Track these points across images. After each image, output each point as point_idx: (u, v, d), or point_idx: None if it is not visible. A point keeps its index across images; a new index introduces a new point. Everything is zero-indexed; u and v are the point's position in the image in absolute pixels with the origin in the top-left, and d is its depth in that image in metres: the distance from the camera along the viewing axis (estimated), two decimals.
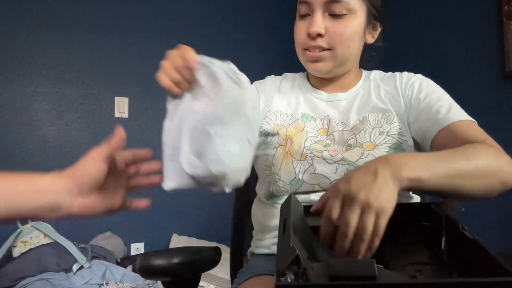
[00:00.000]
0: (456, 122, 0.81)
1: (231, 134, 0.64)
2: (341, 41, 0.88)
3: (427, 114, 0.85)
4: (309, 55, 0.91)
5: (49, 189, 0.59)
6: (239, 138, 0.65)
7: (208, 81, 0.64)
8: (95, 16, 2.44)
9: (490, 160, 0.68)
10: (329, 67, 0.91)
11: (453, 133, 0.79)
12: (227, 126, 0.63)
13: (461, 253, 0.57)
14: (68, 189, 0.59)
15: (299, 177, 0.87)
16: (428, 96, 0.88)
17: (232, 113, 0.64)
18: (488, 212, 2.09)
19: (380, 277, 0.42)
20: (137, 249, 2.49)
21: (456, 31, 2.37)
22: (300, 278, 0.44)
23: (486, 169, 0.66)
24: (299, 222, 0.57)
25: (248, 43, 2.90)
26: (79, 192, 0.60)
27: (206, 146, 0.62)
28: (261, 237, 0.97)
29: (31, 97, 2.29)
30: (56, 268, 1.85)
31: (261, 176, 0.96)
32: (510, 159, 0.71)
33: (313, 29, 0.87)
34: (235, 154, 0.64)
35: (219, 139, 0.62)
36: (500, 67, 2.13)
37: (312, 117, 0.94)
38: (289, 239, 0.47)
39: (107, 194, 0.65)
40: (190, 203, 2.65)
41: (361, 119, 0.90)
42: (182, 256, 0.90)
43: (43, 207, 0.58)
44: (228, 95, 0.63)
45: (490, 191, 0.68)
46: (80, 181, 0.60)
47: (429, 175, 0.60)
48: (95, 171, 0.61)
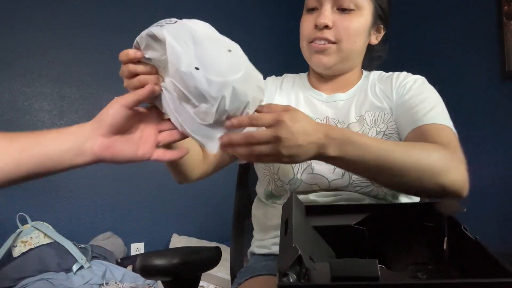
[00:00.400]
0: (429, 125, 0.81)
1: (202, 61, 0.60)
2: (348, 35, 0.89)
3: (407, 113, 0.86)
4: (314, 46, 0.90)
5: (74, 132, 0.63)
6: (213, 57, 0.61)
7: (160, 48, 0.62)
8: (95, 16, 2.44)
9: (435, 161, 0.68)
10: (333, 61, 0.91)
11: (423, 134, 0.80)
12: (197, 59, 0.60)
13: (462, 253, 0.57)
14: (90, 130, 0.63)
15: (298, 176, 0.88)
16: (415, 96, 0.88)
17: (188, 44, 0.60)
18: (488, 212, 2.09)
19: (383, 278, 0.42)
20: (137, 249, 2.49)
21: (456, 31, 2.37)
22: (302, 278, 0.44)
23: (424, 168, 0.68)
24: (301, 222, 0.57)
25: (248, 43, 2.90)
26: (100, 132, 0.63)
27: (194, 86, 0.59)
28: (261, 237, 0.97)
29: (32, 97, 2.29)
30: (56, 268, 1.85)
31: (261, 176, 0.97)
32: (461, 167, 0.71)
33: (321, 20, 0.88)
34: (221, 67, 0.60)
35: (197, 72, 0.59)
36: (500, 67, 2.13)
37: (311, 118, 0.94)
38: (291, 239, 0.47)
39: (133, 141, 0.66)
40: (190, 203, 2.65)
41: (358, 118, 0.91)
42: (182, 256, 0.90)
43: (69, 151, 0.61)
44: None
45: (422, 190, 0.71)
46: (101, 121, 0.64)
47: (355, 158, 0.64)
48: (114, 112, 0.63)
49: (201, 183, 3.06)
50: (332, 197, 0.87)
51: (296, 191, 0.89)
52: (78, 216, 2.35)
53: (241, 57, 0.64)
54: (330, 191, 0.87)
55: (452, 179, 0.69)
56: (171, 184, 2.73)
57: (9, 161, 0.59)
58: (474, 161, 2.70)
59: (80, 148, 0.62)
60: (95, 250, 2.07)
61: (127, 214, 2.47)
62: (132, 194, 2.49)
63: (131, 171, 2.48)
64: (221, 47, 0.62)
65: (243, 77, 0.60)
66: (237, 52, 0.64)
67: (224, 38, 0.65)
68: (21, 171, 0.60)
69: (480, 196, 2.14)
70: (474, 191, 2.50)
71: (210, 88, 0.58)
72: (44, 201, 2.26)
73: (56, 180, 2.30)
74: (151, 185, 2.53)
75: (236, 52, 0.64)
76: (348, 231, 0.64)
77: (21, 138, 0.61)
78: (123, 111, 0.64)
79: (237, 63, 0.62)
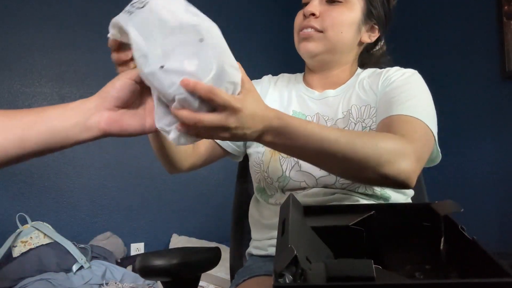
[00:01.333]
0: (398, 115, 0.79)
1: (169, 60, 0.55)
2: (333, 24, 0.90)
3: (384, 103, 0.86)
4: (301, 34, 0.93)
5: (78, 107, 0.62)
6: (182, 55, 0.55)
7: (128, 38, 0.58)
8: (95, 16, 2.44)
9: (379, 150, 0.67)
10: (319, 48, 0.92)
11: (390, 124, 0.78)
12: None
13: (460, 253, 0.57)
14: (94, 105, 0.62)
15: (286, 174, 0.90)
16: (396, 88, 0.87)
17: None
18: (488, 212, 2.09)
19: (378, 278, 0.42)
20: (137, 249, 2.49)
21: (456, 31, 2.37)
22: (299, 279, 0.44)
23: (368, 159, 0.67)
24: (298, 223, 0.58)
25: (248, 43, 2.90)
26: (106, 106, 0.62)
27: (159, 88, 0.55)
28: (257, 238, 0.98)
29: (32, 97, 2.29)
30: (56, 268, 1.85)
31: (253, 174, 0.99)
32: (409, 158, 0.69)
33: (307, 9, 0.91)
34: (190, 68, 0.54)
35: (162, 73, 0.54)
36: (500, 67, 2.13)
37: (303, 115, 0.95)
38: (287, 239, 0.47)
39: (139, 114, 0.65)
40: (190, 203, 2.65)
41: (345, 113, 0.91)
42: (182, 256, 0.90)
43: (74, 127, 0.60)
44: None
45: (365, 179, 0.73)
46: (105, 94, 0.63)
47: (295, 148, 0.65)
48: (119, 84, 0.62)
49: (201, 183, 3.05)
50: (322, 197, 0.88)
51: (286, 188, 0.91)
52: (78, 216, 2.35)
53: (214, 47, 0.56)
54: (318, 188, 0.89)
55: (396, 170, 0.68)
56: (171, 184, 2.75)
57: (12, 139, 0.58)
58: (474, 161, 2.71)
59: (86, 123, 0.61)
60: (95, 250, 2.08)
61: (127, 214, 2.48)
62: (132, 194, 2.49)
63: (131, 171, 2.49)
64: (192, 37, 0.55)
65: (214, 77, 0.55)
66: (211, 40, 0.56)
67: (196, 20, 0.57)
68: (25, 148, 0.59)
69: (480, 195, 2.14)
70: (474, 190, 2.52)
71: (177, 91, 0.54)
72: (44, 201, 2.26)
73: (56, 180, 2.30)
74: (151, 185, 2.53)
75: (210, 40, 0.56)
76: (347, 232, 0.64)
77: (23, 115, 0.60)
78: (129, 84, 0.63)
79: (209, 61, 0.55)
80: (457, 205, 0.61)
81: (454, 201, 0.63)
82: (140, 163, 2.50)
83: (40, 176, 2.26)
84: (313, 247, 0.59)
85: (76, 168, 2.36)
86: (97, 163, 2.41)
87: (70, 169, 2.34)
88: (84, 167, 2.38)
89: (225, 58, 0.57)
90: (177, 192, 2.59)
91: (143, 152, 2.46)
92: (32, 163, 2.25)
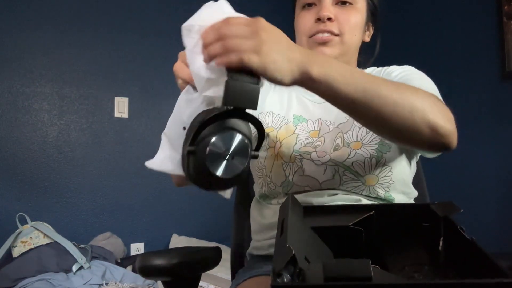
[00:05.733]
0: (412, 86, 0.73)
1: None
2: (350, 27, 0.90)
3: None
4: (318, 39, 0.90)
5: None
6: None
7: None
8: (95, 16, 2.44)
9: (424, 100, 0.64)
10: (336, 52, 0.91)
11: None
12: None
13: (459, 254, 0.57)
14: None
15: (289, 179, 0.88)
16: (399, 79, 0.85)
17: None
18: (488, 212, 2.09)
19: (376, 278, 0.42)
20: (137, 249, 2.50)
21: (456, 30, 2.37)
22: (297, 278, 0.44)
23: (414, 104, 0.62)
24: (297, 223, 0.58)
25: None
26: None
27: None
28: (258, 238, 0.97)
29: (32, 97, 2.30)
30: (56, 268, 1.85)
31: (255, 178, 0.97)
32: (447, 112, 0.67)
33: (324, 13, 0.88)
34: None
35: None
36: (500, 67, 2.13)
37: (304, 119, 0.94)
38: (286, 239, 0.47)
39: None
40: (190, 203, 2.65)
41: (348, 117, 0.90)
42: (182, 256, 0.91)
43: None
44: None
45: (413, 130, 0.63)
46: None
47: (341, 81, 0.59)
48: None
49: None
50: (326, 197, 0.87)
51: (289, 193, 0.88)
52: (78, 216, 2.35)
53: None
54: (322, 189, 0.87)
55: (443, 121, 0.64)
56: (171, 184, 2.73)
57: None
58: (474, 161, 2.70)
59: None
60: (95, 250, 2.08)
61: (127, 214, 2.48)
62: (132, 194, 2.49)
63: (131, 171, 2.49)
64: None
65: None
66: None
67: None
68: None
69: (480, 195, 2.14)
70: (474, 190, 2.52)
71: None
72: (44, 201, 2.26)
73: (56, 180, 2.30)
74: (151, 185, 2.53)
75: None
76: (346, 232, 0.64)
77: None
78: None
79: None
80: (456, 206, 0.61)
81: (454, 200, 0.63)
82: (140, 163, 2.49)
83: (40, 176, 2.26)
84: (312, 247, 0.59)
85: (76, 168, 2.36)
86: (97, 163, 2.41)
87: (70, 169, 2.35)
88: (84, 167, 2.38)
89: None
90: (177, 192, 2.59)
91: (143, 152, 2.47)
92: (32, 163, 2.25)
